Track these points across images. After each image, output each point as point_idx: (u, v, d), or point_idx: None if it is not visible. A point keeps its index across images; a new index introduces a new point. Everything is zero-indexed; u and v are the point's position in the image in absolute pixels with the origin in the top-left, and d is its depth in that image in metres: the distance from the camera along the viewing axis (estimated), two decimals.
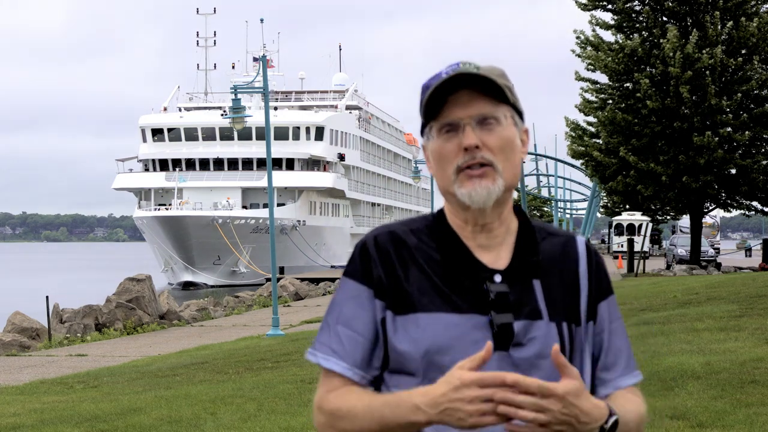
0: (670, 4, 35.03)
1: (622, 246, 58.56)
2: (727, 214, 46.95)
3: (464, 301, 2.13)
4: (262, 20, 76.59)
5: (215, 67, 76.57)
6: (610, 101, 35.83)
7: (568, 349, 2.16)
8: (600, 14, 36.13)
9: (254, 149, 63.15)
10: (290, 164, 65.42)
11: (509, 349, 2.11)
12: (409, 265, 2.17)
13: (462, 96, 2.12)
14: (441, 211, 2.25)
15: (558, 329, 2.15)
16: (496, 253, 2.19)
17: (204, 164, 65.35)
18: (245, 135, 62.99)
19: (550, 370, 2.07)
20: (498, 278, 2.15)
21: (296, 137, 66.34)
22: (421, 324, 2.12)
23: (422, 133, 2.21)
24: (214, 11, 76.32)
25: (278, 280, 23.94)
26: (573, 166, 47.55)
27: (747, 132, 34.04)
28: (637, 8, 35.96)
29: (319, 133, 67.10)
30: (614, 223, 66.25)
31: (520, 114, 2.19)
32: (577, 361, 2.19)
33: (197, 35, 75.57)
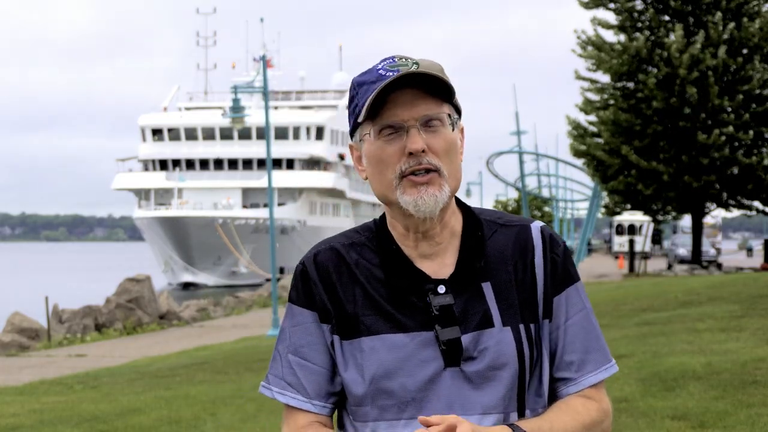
0: (673, 2, 34.95)
1: (623, 246, 58.58)
2: (729, 214, 46.93)
3: (410, 319, 1.99)
4: (262, 20, 76.71)
5: (215, 66, 76.64)
6: (612, 101, 35.76)
7: (527, 353, 2.00)
8: (602, 14, 36.05)
9: (254, 149, 63.18)
10: (290, 164, 65.44)
11: (461, 364, 1.97)
12: (352, 286, 2.04)
13: (404, 95, 1.96)
14: (383, 220, 2.09)
15: (514, 334, 1.99)
16: (440, 261, 2.04)
17: (204, 164, 65.34)
18: (245, 135, 63.03)
19: (508, 380, 1.97)
20: (442, 289, 2.00)
21: (296, 137, 66.31)
22: (365, 349, 1.99)
23: (352, 133, 2.06)
24: (214, 10, 76.41)
25: (278, 280, 23.91)
26: (574, 165, 47.46)
27: (750, 131, 33.99)
28: (640, 8, 35.89)
29: (320, 133, 67.09)
30: (615, 223, 66.22)
31: (459, 112, 2.05)
32: (539, 364, 2.04)
33: (197, 35, 75.66)
